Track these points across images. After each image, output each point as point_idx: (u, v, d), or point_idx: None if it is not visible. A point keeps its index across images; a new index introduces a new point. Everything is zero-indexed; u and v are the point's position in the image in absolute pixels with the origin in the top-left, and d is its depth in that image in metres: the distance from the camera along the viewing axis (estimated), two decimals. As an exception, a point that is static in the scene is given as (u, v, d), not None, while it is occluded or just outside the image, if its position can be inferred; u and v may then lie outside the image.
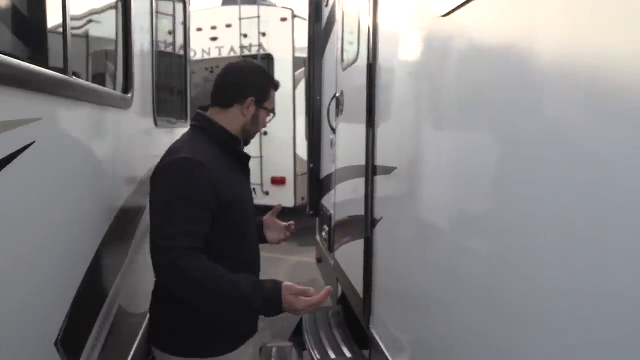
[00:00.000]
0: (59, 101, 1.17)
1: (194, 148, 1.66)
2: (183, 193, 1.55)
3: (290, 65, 7.96)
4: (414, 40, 1.84)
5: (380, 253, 2.24)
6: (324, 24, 3.86)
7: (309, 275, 6.26)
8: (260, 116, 1.81)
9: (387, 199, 2.10)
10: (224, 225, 1.64)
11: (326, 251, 3.69)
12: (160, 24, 3.17)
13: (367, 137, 2.26)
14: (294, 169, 8.13)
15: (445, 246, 1.54)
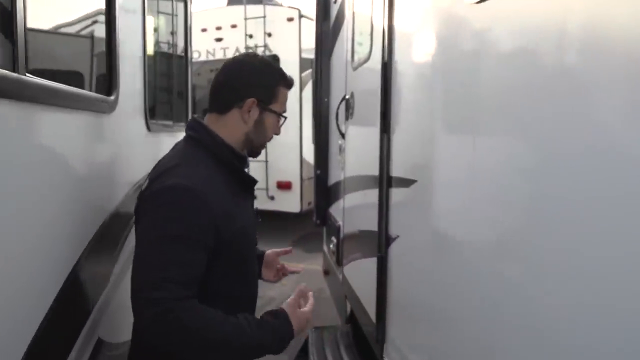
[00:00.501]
0: (3, 104, 0.94)
1: (189, 170, 1.38)
2: (176, 231, 1.29)
3: (297, 66, 7.73)
4: (439, 33, 1.59)
5: (396, 275, 1.99)
6: (332, 22, 3.62)
7: (316, 285, 6.00)
8: (266, 121, 1.50)
9: (405, 215, 1.85)
10: (223, 264, 1.39)
11: (334, 264, 3.45)
12: (154, 22, 2.95)
13: (382, 144, 2.01)
14: (301, 174, 7.92)
15: (475, 274, 1.30)
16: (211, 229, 1.33)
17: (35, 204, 1.16)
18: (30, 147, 1.13)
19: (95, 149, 1.61)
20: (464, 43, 1.43)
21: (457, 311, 1.41)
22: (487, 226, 1.26)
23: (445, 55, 1.56)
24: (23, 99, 1.05)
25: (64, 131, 1.35)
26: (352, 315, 2.98)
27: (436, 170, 1.55)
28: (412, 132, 1.79)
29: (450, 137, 1.49)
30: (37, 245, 1.18)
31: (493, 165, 1.22)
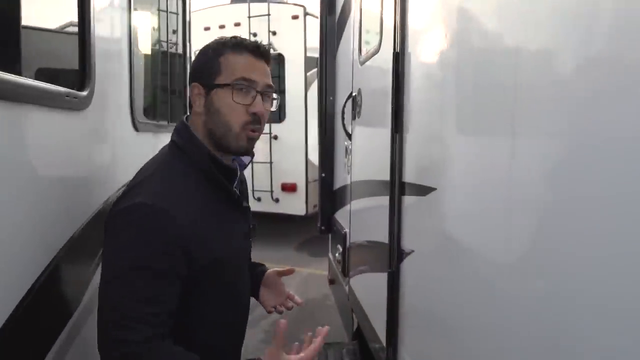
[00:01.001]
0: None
1: (160, 185, 1.19)
2: (141, 261, 1.11)
3: (302, 65, 7.53)
4: (461, 14, 1.36)
5: (409, 295, 1.75)
6: (337, 15, 3.39)
7: (321, 291, 5.82)
8: (216, 101, 1.23)
9: (421, 228, 1.61)
10: (203, 290, 1.23)
11: (340, 275, 3.21)
12: (146, 18, 2.74)
13: (393, 146, 1.78)
14: (306, 176, 7.71)
15: (504, 297, 1.09)
16: (181, 255, 1.14)
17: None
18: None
19: (62, 150, 1.38)
20: (493, 25, 1.20)
21: (480, 338, 1.20)
22: (519, 243, 1.03)
23: (469, 42, 1.33)
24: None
25: (17, 130, 1.12)
26: (359, 330, 2.75)
27: (460, 177, 1.31)
28: (430, 132, 1.55)
29: (477, 139, 1.26)
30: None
31: (529, 173, 1.00)
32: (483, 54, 1.25)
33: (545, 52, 0.97)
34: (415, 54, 1.67)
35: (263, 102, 1.25)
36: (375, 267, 2.19)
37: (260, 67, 1.26)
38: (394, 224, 1.80)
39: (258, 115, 1.23)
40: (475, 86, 1.26)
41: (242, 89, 1.22)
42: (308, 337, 1.33)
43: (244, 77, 1.22)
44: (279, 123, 7.73)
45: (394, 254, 1.82)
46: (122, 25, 2.06)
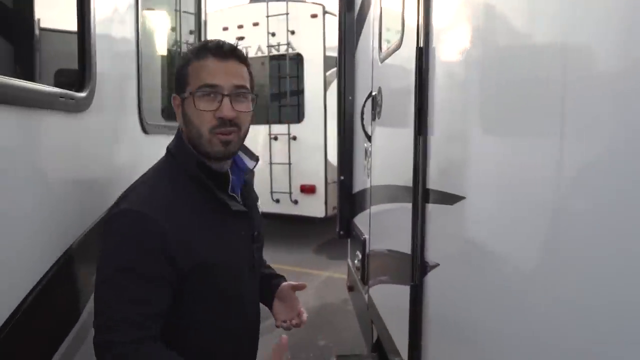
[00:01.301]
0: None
1: (147, 191, 1.22)
2: (126, 264, 1.14)
3: (322, 65, 7.41)
4: (492, 3, 1.21)
5: (434, 311, 1.61)
6: (357, 11, 3.25)
7: (340, 296, 5.68)
8: (187, 109, 1.24)
9: (447, 240, 1.47)
10: (192, 293, 1.22)
11: (359, 282, 3.07)
12: (155, 16, 2.65)
13: (416, 149, 1.63)
14: (325, 177, 7.59)
15: (538, 317, 0.97)
16: (164, 259, 1.15)
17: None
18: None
19: (59, 154, 1.28)
20: (526, 14, 1.06)
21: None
22: (560, 260, 0.90)
23: (501, 34, 1.19)
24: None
25: (5, 134, 1.02)
26: (379, 342, 2.60)
27: (493, 186, 1.16)
28: (458, 135, 1.40)
29: (511, 144, 1.11)
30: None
31: (573, 182, 0.86)
32: (517, 47, 1.11)
33: (593, 49, 0.83)
34: (440, 49, 1.53)
35: (235, 103, 1.22)
36: (396, 278, 2.05)
37: (225, 69, 1.22)
38: (416, 234, 1.65)
39: (225, 119, 1.21)
40: (511, 83, 1.11)
41: (206, 95, 1.21)
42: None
43: (206, 84, 1.21)
44: (297, 124, 7.63)
45: (416, 267, 1.68)
46: (128, 26, 1.95)
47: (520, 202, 1.06)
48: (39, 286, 1.14)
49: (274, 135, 7.72)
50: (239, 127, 1.25)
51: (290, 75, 7.58)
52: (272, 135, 7.72)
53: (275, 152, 7.72)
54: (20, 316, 1.05)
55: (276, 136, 7.71)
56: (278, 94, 7.85)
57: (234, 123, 1.23)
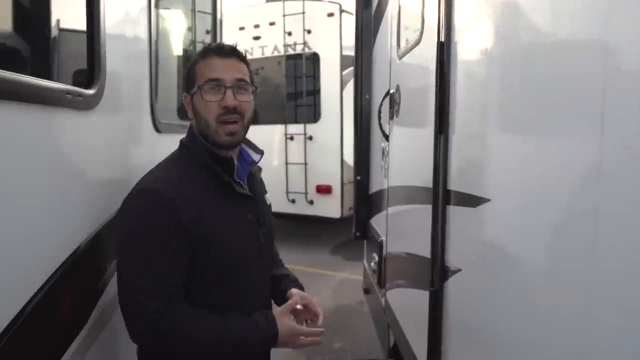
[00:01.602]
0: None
1: (160, 173, 1.37)
2: (142, 238, 1.26)
3: (338, 64, 7.34)
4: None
5: (455, 318, 1.53)
6: (374, 8, 3.19)
7: (356, 297, 5.61)
8: (197, 104, 1.41)
9: (470, 244, 1.39)
10: (202, 270, 1.33)
11: (375, 285, 3.00)
12: (169, 15, 2.62)
13: (436, 149, 1.56)
14: (341, 177, 7.52)
15: (569, 326, 0.91)
16: (180, 231, 1.27)
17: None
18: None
19: (66, 152, 1.24)
20: (555, 8, 0.98)
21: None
22: (592, 265, 0.84)
23: (531, 27, 1.11)
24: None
25: (9, 131, 0.98)
26: (396, 348, 2.53)
27: (521, 188, 1.09)
28: (482, 134, 1.33)
29: (542, 143, 1.03)
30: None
31: (606, 185, 0.79)
32: (544, 42, 1.04)
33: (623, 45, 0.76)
34: (463, 44, 1.45)
35: (237, 94, 1.37)
36: (414, 282, 1.98)
37: (227, 65, 1.38)
38: (437, 238, 1.58)
39: (229, 107, 1.35)
40: (538, 80, 1.04)
41: (212, 88, 1.37)
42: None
43: (210, 78, 1.37)
44: (313, 123, 7.58)
45: (436, 272, 1.61)
46: (141, 25, 1.92)
47: (549, 205, 0.99)
48: (46, 286, 1.11)
49: (290, 135, 7.68)
50: (242, 115, 1.38)
51: (307, 75, 7.53)
52: (288, 135, 7.68)
53: (291, 152, 7.67)
54: (26, 317, 1.01)
55: (292, 136, 7.67)
56: (294, 94, 7.80)
57: (237, 111, 1.37)
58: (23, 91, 1.03)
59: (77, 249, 1.28)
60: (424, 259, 1.76)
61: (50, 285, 1.13)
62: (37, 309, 1.07)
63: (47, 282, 1.12)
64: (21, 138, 1.04)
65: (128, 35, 1.78)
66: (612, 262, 0.79)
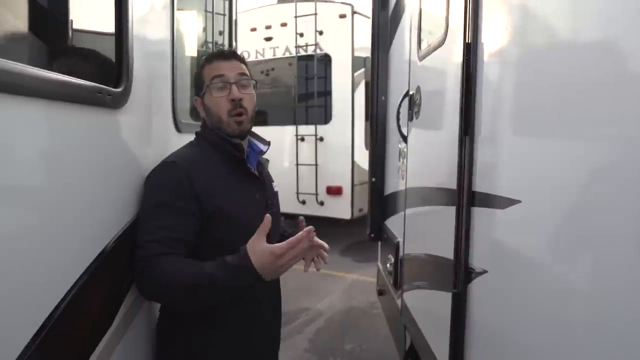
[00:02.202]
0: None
1: (179, 151, 1.58)
2: (160, 200, 1.43)
3: (350, 66, 7.35)
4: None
5: (479, 321, 1.52)
6: (391, 9, 3.18)
7: (367, 299, 5.61)
8: (207, 103, 1.60)
9: (497, 246, 1.39)
10: (210, 239, 1.47)
11: (391, 287, 2.99)
12: (188, 16, 2.63)
13: (461, 150, 1.56)
14: (352, 178, 7.53)
15: (602, 332, 0.89)
16: (193, 198, 1.43)
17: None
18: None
19: (95, 152, 1.25)
20: (588, 5, 0.98)
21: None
22: (629, 274, 0.82)
23: (562, 25, 1.10)
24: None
25: (40, 129, 0.99)
26: (412, 349, 2.52)
27: (554, 189, 1.08)
28: (512, 135, 1.32)
29: (575, 144, 1.03)
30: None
31: None
32: (576, 41, 1.03)
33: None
34: (490, 45, 1.45)
35: (240, 88, 1.57)
36: (435, 284, 1.97)
37: (229, 65, 1.58)
38: (460, 239, 1.57)
39: (237, 100, 1.55)
40: (570, 80, 1.03)
41: (219, 86, 1.56)
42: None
43: (215, 75, 1.56)
44: (324, 125, 7.58)
45: (459, 272, 1.60)
46: (165, 25, 1.93)
47: (582, 208, 0.98)
48: (72, 290, 1.11)
49: (301, 136, 7.69)
50: (246, 108, 1.58)
51: (318, 76, 7.53)
52: (299, 136, 7.69)
53: (302, 153, 7.68)
54: (53, 323, 1.02)
55: (303, 137, 7.68)
56: (305, 95, 7.81)
57: (242, 105, 1.56)
58: (54, 89, 1.04)
59: (104, 249, 1.28)
60: (445, 260, 1.75)
61: (79, 285, 1.14)
62: (68, 311, 1.07)
63: (76, 282, 1.13)
64: (52, 136, 1.05)
65: (153, 36, 1.79)
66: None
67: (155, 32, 1.84)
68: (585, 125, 0.99)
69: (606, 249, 0.92)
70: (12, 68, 0.88)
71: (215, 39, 3.15)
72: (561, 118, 1.07)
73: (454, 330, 1.65)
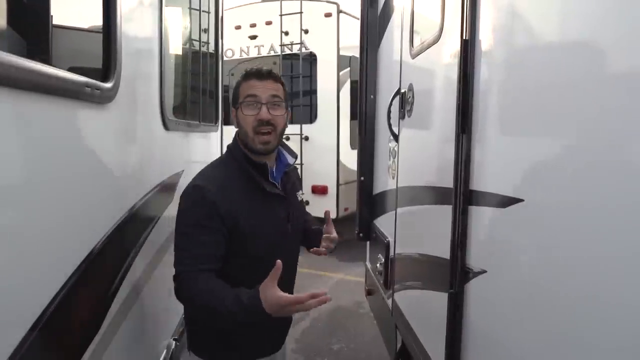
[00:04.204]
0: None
1: (208, 172, 1.70)
2: (190, 221, 1.60)
3: (335, 65, 7.31)
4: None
5: (477, 321, 1.51)
6: (380, 7, 3.16)
7: (353, 298, 5.59)
8: (239, 116, 1.71)
9: (497, 245, 1.37)
10: (234, 257, 1.64)
11: (381, 287, 2.97)
12: (175, 14, 2.58)
13: (458, 148, 1.53)
14: (337, 178, 7.49)
15: (606, 337, 0.87)
16: (217, 217, 1.58)
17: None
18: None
19: (82, 147, 1.19)
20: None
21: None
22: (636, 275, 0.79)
23: (563, 21, 1.09)
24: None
25: (27, 123, 0.94)
26: (404, 349, 2.50)
27: (558, 188, 1.06)
28: (511, 132, 1.30)
29: (579, 140, 1.01)
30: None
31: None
32: (577, 39, 1.01)
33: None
34: (488, 41, 1.43)
35: (271, 109, 1.66)
36: (429, 284, 1.95)
37: (263, 85, 1.67)
38: (457, 238, 1.55)
39: (263, 120, 1.64)
40: (570, 77, 1.01)
41: (250, 104, 1.66)
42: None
43: (248, 95, 1.67)
44: (310, 124, 7.54)
45: (456, 272, 1.58)
46: (152, 22, 1.88)
47: (587, 207, 0.96)
48: (62, 292, 1.06)
49: (286, 135, 7.59)
50: (275, 127, 1.68)
51: (303, 75, 7.48)
52: (284, 135, 7.62)
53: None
54: (40, 327, 0.96)
55: (288, 136, 7.60)
56: (290, 94, 7.74)
57: (270, 123, 1.66)
58: (39, 81, 0.98)
59: (92, 250, 1.23)
60: (440, 259, 1.73)
61: (69, 287, 1.08)
62: (56, 313, 1.02)
63: (65, 284, 1.08)
64: (36, 131, 0.99)
65: (141, 32, 1.74)
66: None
67: (143, 29, 1.79)
68: (586, 122, 0.97)
69: (606, 249, 0.90)
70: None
71: (201, 37, 3.10)
72: (566, 116, 1.05)
73: (450, 331, 1.63)
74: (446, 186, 1.65)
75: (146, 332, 1.87)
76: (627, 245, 0.85)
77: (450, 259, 1.60)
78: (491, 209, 1.37)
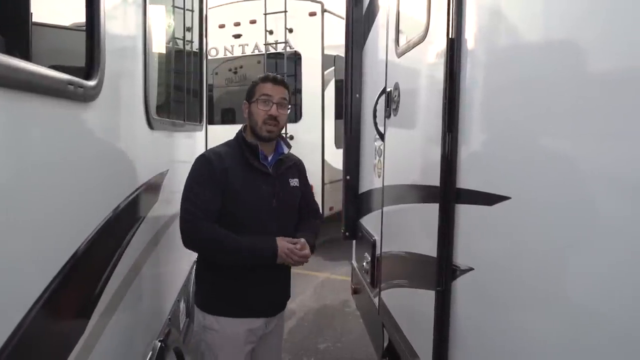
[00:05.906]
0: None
1: (214, 148, 2.18)
2: (195, 179, 2.04)
3: (320, 64, 7.30)
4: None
5: (465, 318, 1.51)
6: (365, 6, 3.16)
7: (339, 297, 5.60)
8: (252, 110, 2.14)
9: (484, 243, 1.38)
10: (226, 216, 2.03)
11: (367, 286, 2.97)
12: (159, 12, 2.55)
13: (445, 147, 1.54)
14: (322, 177, 7.47)
15: (594, 335, 0.89)
16: (215, 177, 2.02)
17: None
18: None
19: (64, 146, 1.17)
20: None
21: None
22: (624, 272, 0.82)
23: (549, 20, 1.10)
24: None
25: (6, 122, 0.91)
26: (391, 347, 2.51)
27: (545, 185, 1.07)
28: (498, 131, 1.31)
29: (565, 139, 1.02)
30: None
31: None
32: (563, 37, 1.02)
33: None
34: (474, 40, 1.44)
35: (279, 108, 2.11)
36: (416, 282, 1.95)
37: (276, 89, 2.12)
38: (444, 236, 1.56)
39: (273, 116, 2.09)
40: (555, 75, 1.02)
41: (265, 101, 2.10)
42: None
43: (264, 93, 2.11)
44: (294, 123, 7.52)
45: (443, 270, 1.59)
46: (136, 20, 1.85)
47: (574, 204, 0.97)
48: (46, 293, 1.04)
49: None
50: (279, 122, 2.12)
51: (288, 74, 7.45)
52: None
53: (272, 152, 7.57)
54: (25, 329, 0.94)
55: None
56: (275, 93, 7.71)
57: (276, 119, 2.10)
58: (20, 78, 0.95)
59: (77, 251, 1.21)
60: (427, 257, 1.74)
61: (53, 288, 1.06)
62: (40, 315, 1.00)
63: (49, 285, 1.05)
64: (17, 130, 0.97)
65: (124, 30, 1.72)
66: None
67: (127, 26, 1.76)
68: (571, 120, 0.98)
69: (595, 246, 0.91)
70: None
71: (185, 36, 3.07)
72: (547, 113, 1.06)
73: (437, 328, 1.64)
74: (433, 184, 1.65)
75: (132, 334, 1.84)
76: (613, 241, 0.87)
77: (437, 257, 1.61)
78: (478, 206, 1.38)
